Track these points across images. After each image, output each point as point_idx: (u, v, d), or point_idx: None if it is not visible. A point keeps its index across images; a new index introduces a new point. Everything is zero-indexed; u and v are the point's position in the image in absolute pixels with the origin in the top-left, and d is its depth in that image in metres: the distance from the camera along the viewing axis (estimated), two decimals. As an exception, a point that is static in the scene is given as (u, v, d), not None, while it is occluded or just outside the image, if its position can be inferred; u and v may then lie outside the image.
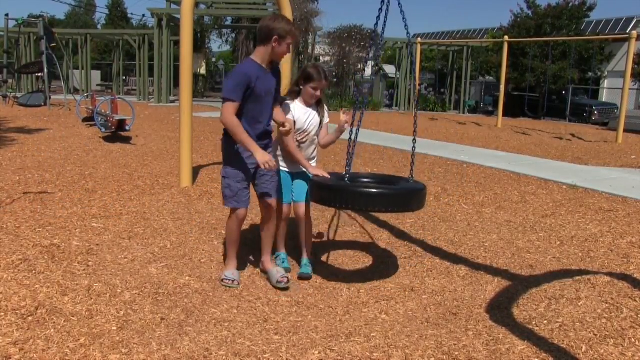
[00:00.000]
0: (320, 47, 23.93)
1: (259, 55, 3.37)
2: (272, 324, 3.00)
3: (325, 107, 3.83)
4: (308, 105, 3.69)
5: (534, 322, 3.05)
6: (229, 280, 3.52)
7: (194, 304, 3.19)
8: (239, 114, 3.32)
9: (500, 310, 3.25)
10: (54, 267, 3.57)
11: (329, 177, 3.53)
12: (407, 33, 3.61)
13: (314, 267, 3.82)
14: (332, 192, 3.36)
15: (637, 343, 2.79)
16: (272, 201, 3.58)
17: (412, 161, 3.76)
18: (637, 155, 10.62)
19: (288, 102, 3.66)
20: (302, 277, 3.71)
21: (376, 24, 3.57)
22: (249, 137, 3.30)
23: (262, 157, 3.27)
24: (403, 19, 3.58)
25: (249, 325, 2.96)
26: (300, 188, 3.72)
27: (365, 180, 3.76)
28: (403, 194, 3.38)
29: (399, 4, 3.48)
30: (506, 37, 17.18)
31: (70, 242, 4.09)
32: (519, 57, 22.02)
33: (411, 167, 3.75)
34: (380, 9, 3.48)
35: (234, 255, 3.64)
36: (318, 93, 3.64)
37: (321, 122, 3.76)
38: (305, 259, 3.84)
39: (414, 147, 3.70)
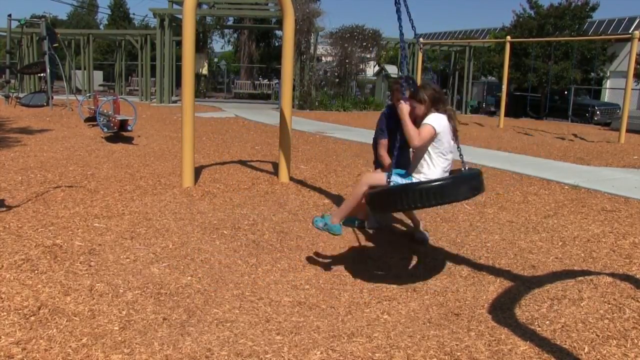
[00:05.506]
0: (322, 47, 23.92)
1: None
2: (274, 324, 3.00)
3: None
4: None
5: (536, 323, 3.04)
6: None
7: (196, 304, 3.19)
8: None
9: (502, 310, 3.25)
10: (56, 267, 3.57)
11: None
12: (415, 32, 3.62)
13: None
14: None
15: (639, 344, 2.79)
16: None
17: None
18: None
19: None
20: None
21: (400, 27, 3.60)
22: None
23: None
24: (410, 19, 3.59)
25: (251, 326, 2.96)
26: None
27: None
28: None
29: (404, 5, 3.49)
30: (508, 37, 17.14)
31: (73, 242, 4.09)
32: (521, 57, 21.98)
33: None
34: (399, 10, 3.51)
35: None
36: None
37: None
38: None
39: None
